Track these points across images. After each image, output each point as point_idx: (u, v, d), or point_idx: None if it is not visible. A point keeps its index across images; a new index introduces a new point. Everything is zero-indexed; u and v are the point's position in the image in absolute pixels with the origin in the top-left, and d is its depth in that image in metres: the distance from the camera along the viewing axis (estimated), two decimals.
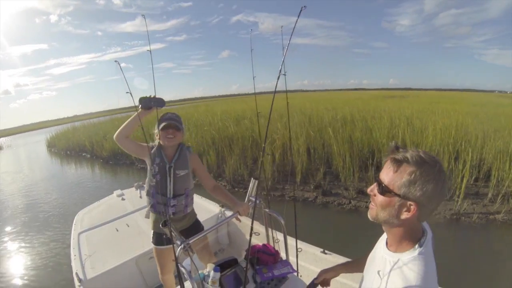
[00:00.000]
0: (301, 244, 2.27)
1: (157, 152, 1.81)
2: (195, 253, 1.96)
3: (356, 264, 1.23)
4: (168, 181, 1.81)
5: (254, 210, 1.77)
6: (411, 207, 0.73)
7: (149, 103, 1.73)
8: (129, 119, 1.72)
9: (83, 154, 13.27)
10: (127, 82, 1.51)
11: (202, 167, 2.00)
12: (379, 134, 6.80)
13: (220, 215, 2.91)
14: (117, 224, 2.85)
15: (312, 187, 5.79)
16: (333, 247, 2.31)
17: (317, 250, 2.24)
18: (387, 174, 0.77)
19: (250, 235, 1.50)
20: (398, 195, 0.74)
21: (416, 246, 0.78)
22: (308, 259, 2.24)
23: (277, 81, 1.35)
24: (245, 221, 2.78)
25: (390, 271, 0.78)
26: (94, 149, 12.36)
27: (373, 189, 0.82)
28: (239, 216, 1.86)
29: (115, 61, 1.52)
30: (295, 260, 1.96)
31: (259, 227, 2.33)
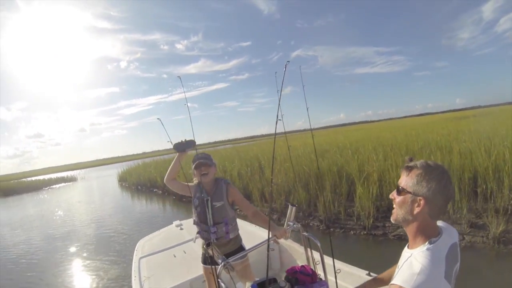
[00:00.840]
0: (346, 267, 2.28)
1: (198, 188, 2.13)
2: (234, 272, 2.11)
3: (387, 274, 1.31)
4: (207, 212, 2.08)
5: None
6: (420, 202, 0.88)
7: (182, 146, 2.09)
8: (171, 164, 2.12)
9: (154, 190, 13.38)
10: (167, 134, 1.90)
11: (240, 197, 2.21)
12: (480, 157, 5.88)
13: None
14: (175, 251, 3.10)
15: None
16: None
17: (362, 273, 2.20)
18: (402, 179, 0.95)
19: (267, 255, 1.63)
20: (410, 193, 0.90)
21: (427, 243, 0.89)
22: (353, 281, 2.21)
23: (276, 125, 1.54)
24: (294, 246, 2.86)
25: (403, 263, 0.90)
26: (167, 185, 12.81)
27: (393, 193, 0.99)
28: (277, 239, 2.02)
29: (158, 118, 1.95)
30: (334, 280, 1.99)
31: (300, 249, 2.39)
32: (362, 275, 2.18)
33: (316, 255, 2.09)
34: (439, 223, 0.99)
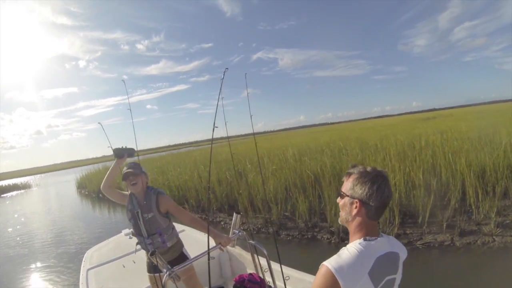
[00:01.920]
0: (292, 271, 2.32)
1: (130, 199, 2.09)
2: (180, 281, 2.07)
3: None
4: (139, 224, 2.05)
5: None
6: (357, 203, 0.96)
7: (122, 152, 2.06)
8: (109, 170, 2.04)
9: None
10: (108, 139, 1.86)
11: (173, 205, 2.17)
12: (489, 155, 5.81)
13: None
14: (124, 261, 3.00)
15: (443, 227, 4.61)
16: None
17: (308, 277, 2.25)
18: (343, 184, 1.03)
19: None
20: (348, 196, 0.98)
21: (362, 239, 0.94)
22: (300, 285, 2.25)
23: (213, 133, 1.60)
24: (243, 253, 2.87)
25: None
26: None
27: (338, 198, 1.06)
28: (222, 247, 2.03)
29: (98, 122, 1.90)
30: (283, 286, 2.02)
31: (248, 255, 2.41)
32: (312, 281, 2.22)
33: (265, 262, 2.10)
34: (387, 236, 1.02)
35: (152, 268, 2.10)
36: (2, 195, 22.30)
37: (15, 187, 25.44)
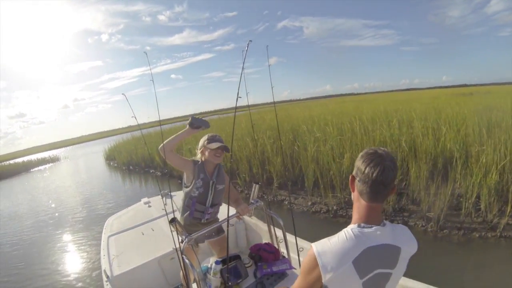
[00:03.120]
0: (306, 244, 2.34)
1: (201, 168, 2.05)
2: (198, 247, 2.15)
3: None
4: (209, 194, 2.07)
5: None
6: (352, 182, 0.95)
7: (200, 123, 1.97)
8: (176, 135, 1.95)
9: (151, 171, 11.07)
10: (132, 109, 1.84)
11: (229, 183, 2.22)
12: None
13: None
14: (143, 229, 3.11)
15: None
16: None
17: None
18: None
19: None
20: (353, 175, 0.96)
21: (355, 225, 0.90)
22: None
23: (236, 102, 1.57)
24: (259, 224, 2.92)
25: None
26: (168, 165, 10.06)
27: None
28: (240, 216, 2.06)
29: (122, 94, 1.87)
30: (297, 257, 2.05)
31: (265, 227, 2.45)
32: None
33: (280, 233, 2.14)
34: (399, 225, 0.96)
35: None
36: (32, 170, 22.80)
37: (44, 161, 25.79)
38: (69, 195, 10.39)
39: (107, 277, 2.27)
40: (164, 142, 1.92)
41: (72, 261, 4.81)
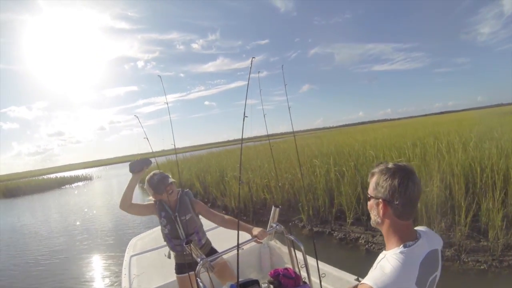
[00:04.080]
0: (334, 271, 2.24)
1: (160, 206, 2.11)
2: (213, 272, 2.09)
3: None
4: (177, 227, 2.08)
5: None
6: (381, 203, 0.89)
7: (141, 166, 1.95)
8: (126, 188, 1.99)
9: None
10: (146, 136, 1.87)
11: (204, 207, 2.24)
12: None
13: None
14: (165, 250, 3.10)
15: None
16: None
17: (350, 277, 2.13)
18: (369, 186, 0.96)
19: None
20: (373, 197, 0.92)
21: (401, 246, 0.86)
22: (340, 286, 2.14)
23: (243, 122, 1.48)
24: (281, 247, 2.82)
25: (377, 264, 0.88)
26: (209, 191, 9.18)
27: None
28: (258, 240, 2.00)
29: (135, 115, 1.92)
30: (318, 282, 1.94)
31: (287, 251, 2.36)
32: (351, 280, 2.12)
33: (302, 257, 2.04)
34: (421, 228, 0.97)
35: (181, 268, 2.15)
36: (65, 186, 23.82)
37: (78, 179, 26.62)
38: (98, 214, 10.80)
39: None
40: (120, 201, 1.97)
41: (95, 279, 4.91)
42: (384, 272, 0.81)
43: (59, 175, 30.42)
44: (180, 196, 2.14)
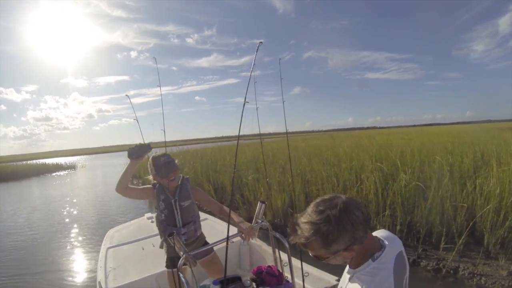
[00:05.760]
0: (312, 269, 2.20)
1: (160, 190, 2.00)
2: (196, 267, 2.03)
3: None
4: (175, 213, 1.99)
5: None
6: (343, 253, 0.80)
7: (140, 152, 1.88)
8: (123, 172, 1.90)
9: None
10: (136, 118, 1.78)
11: (204, 195, 2.17)
12: None
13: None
14: (144, 244, 3.02)
15: None
16: None
17: (332, 278, 2.11)
18: (310, 254, 0.84)
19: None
20: (329, 257, 0.81)
21: (370, 260, 0.83)
22: (321, 286, 2.12)
23: (243, 107, 1.43)
24: (264, 246, 2.78)
25: (346, 285, 0.86)
26: (225, 192, 7.93)
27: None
28: (243, 235, 1.93)
29: (126, 95, 1.82)
30: (301, 283, 1.91)
31: (269, 249, 2.32)
32: (332, 281, 2.10)
33: (285, 256, 2.01)
34: (381, 232, 0.93)
35: (174, 262, 2.06)
36: (45, 175, 21.85)
37: (64, 167, 25.08)
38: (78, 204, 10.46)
39: None
40: (116, 183, 1.88)
41: (70, 271, 4.69)
42: None
43: (42, 161, 28.94)
44: (181, 182, 2.06)
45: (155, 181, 2.05)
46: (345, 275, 0.93)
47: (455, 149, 7.06)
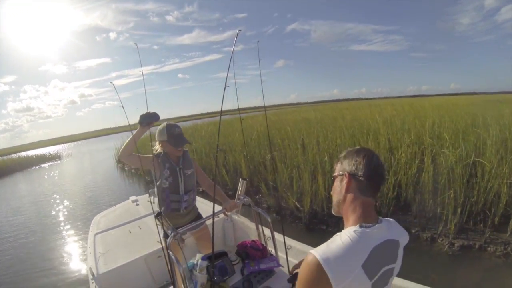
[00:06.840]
0: (294, 243, 2.31)
1: (165, 159, 2.05)
2: (185, 243, 2.10)
3: None
4: (179, 181, 2.06)
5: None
6: (345, 178, 0.90)
7: (150, 119, 1.93)
8: (130, 138, 1.92)
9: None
10: (121, 104, 1.78)
11: (199, 168, 2.24)
12: None
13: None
14: (130, 227, 3.06)
15: None
16: None
17: (308, 248, 2.23)
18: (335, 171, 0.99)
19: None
20: (338, 175, 0.94)
21: (357, 226, 0.84)
22: (300, 256, 2.24)
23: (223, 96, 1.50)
24: (247, 222, 2.87)
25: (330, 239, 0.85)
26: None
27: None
28: (226, 212, 2.02)
29: (110, 82, 1.80)
30: (285, 256, 2.00)
31: (252, 225, 2.41)
32: (308, 251, 2.21)
33: (268, 231, 2.09)
34: (388, 220, 0.93)
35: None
36: (28, 169, 19.48)
37: (47, 158, 23.08)
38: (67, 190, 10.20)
39: (93, 275, 2.20)
40: (121, 149, 1.92)
41: (60, 258, 4.70)
42: (332, 246, 0.79)
43: (25, 154, 26.98)
44: (183, 152, 2.13)
45: (159, 151, 2.09)
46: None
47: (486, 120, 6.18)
